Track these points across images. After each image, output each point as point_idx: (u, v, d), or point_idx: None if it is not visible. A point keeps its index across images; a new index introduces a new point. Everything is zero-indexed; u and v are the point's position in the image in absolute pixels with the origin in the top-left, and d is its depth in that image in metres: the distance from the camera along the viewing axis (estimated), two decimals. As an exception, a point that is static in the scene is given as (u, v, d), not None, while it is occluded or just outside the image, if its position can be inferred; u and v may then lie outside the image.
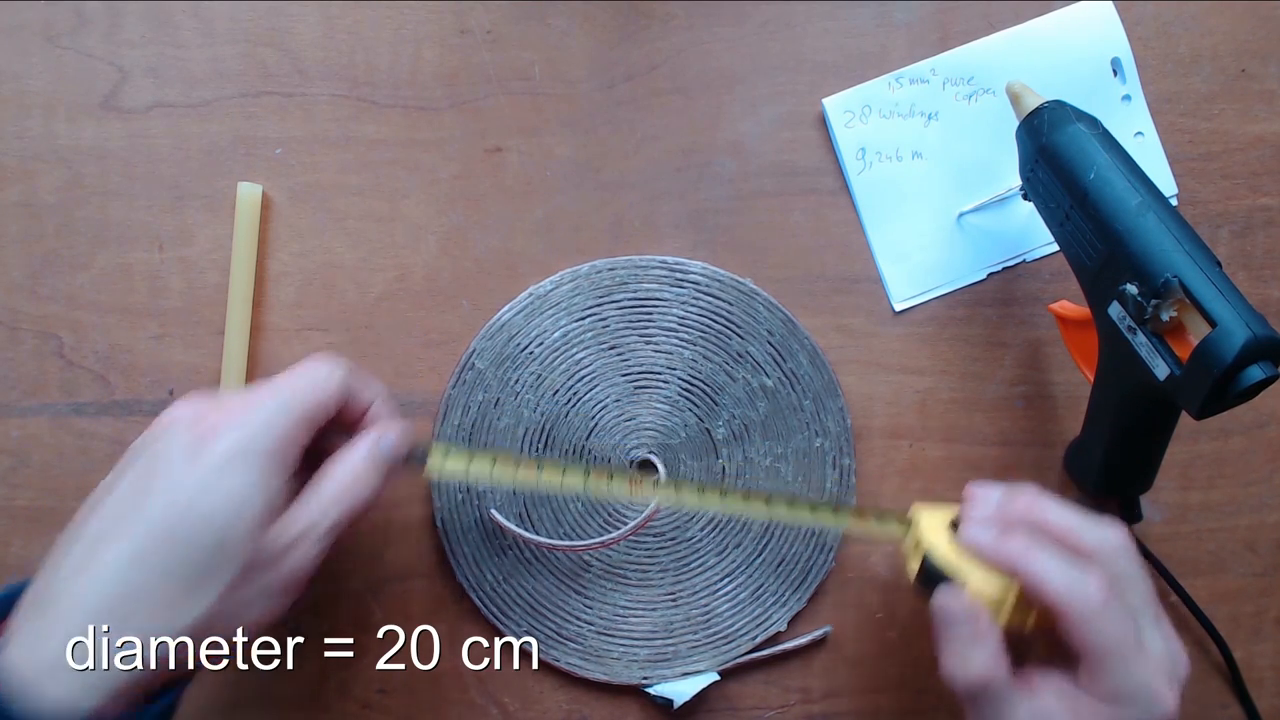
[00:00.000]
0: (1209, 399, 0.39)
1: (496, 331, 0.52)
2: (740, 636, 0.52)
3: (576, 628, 0.52)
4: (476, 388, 0.52)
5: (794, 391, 0.52)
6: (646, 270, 0.53)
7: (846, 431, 0.53)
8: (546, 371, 0.52)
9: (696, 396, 0.52)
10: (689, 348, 0.52)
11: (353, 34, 0.53)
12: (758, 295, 0.53)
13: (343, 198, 0.53)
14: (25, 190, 0.53)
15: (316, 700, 0.52)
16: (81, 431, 0.52)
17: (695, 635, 0.52)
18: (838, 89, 0.54)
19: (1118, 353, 0.43)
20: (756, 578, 0.52)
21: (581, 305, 0.52)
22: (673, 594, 0.52)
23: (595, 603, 0.52)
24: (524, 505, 0.52)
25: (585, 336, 0.52)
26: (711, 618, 0.52)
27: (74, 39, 0.53)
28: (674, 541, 0.52)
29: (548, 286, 0.53)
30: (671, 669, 0.52)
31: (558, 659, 0.52)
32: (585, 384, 0.52)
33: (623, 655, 0.52)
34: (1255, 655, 0.53)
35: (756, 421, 0.52)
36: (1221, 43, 0.54)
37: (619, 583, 0.52)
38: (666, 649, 0.52)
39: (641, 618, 0.52)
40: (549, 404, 0.52)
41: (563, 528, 0.52)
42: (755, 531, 0.52)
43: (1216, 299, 0.39)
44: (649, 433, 0.52)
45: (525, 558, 0.52)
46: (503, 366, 0.52)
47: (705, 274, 0.53)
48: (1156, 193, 0.42)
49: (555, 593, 0.52)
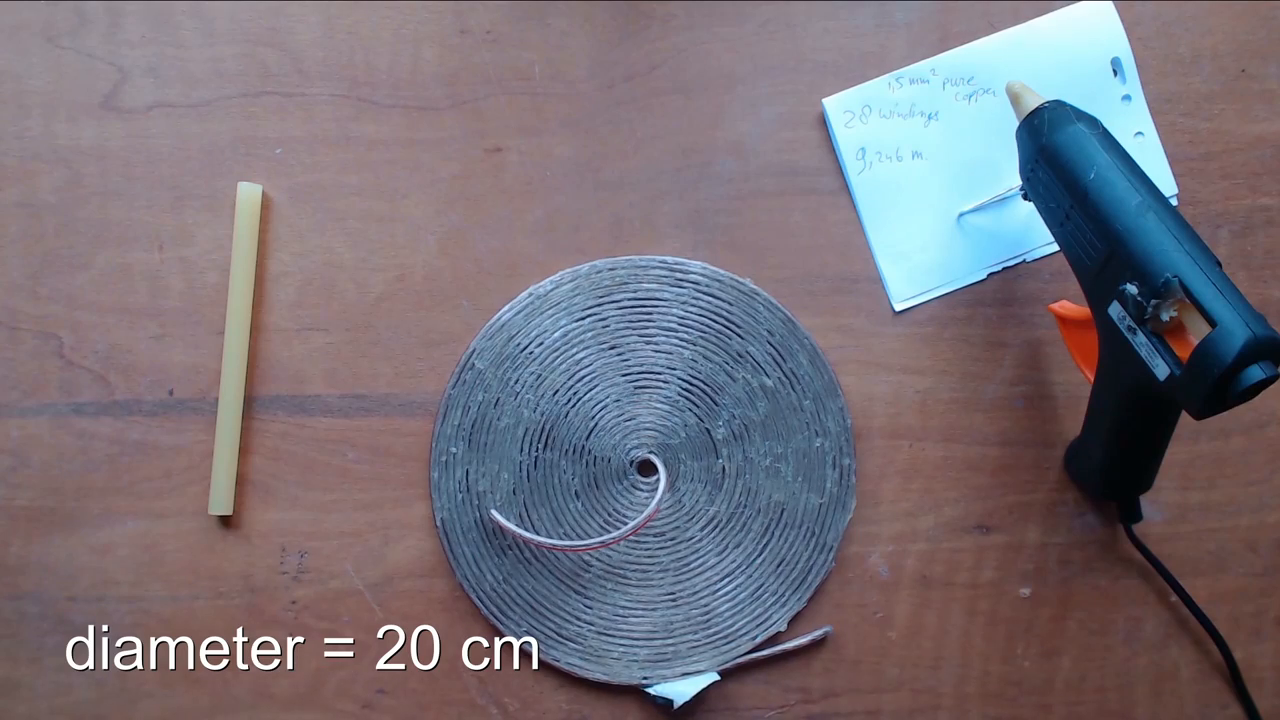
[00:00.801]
0: (1209, 399, 0.39)
1: (496, 331, 0.52)
2: (740, 636, 0.52)
3: (576, 628, 0.52)
4: (476, 388, 0.52)
5: (794, 391, 0.52)
6: (646, 270, 0.53)
7: (846, 431, 0.53)
8: (546, 371, 0.52)
9: (696, 396, 0.52)
10: (689, 348, 0.52)
11: (353, 34, 0.53)
12: (758, 295, 0.53)
13: (343, 198, 0.53)
14: (25, 190, 0.53)
15: (316, 700, 0.52)
16: (81, 431, 0.52)
17: (695, 635, 0.52)
18: (838, 89, 0.54)
19: (1118, 353, 0.43)
20: (756, 578, 0.52)
21: (581, 305, 0.52)
22: (673, 594, 0.52)
23: (595, 603, 0.52)
24: (524, 505, 0.52)
25: (585, 336, 0.52)
26: (711, 618, 0.52)
27: (74, 39, 0.53)
28: (674, 541, 0.52)
29: (548, 286, 0.53)
30: (671, 669, 0.52)
31: (558, 659, 0.52)
32: (585, 384, 0.52)
33: (623, 655, 0.52)
34: (1255, 655, 0.53)
35: (756, 421, 0.52)
36: (1221, 43, 0.54)
37: (619, 583, 0.52)
38: (666, 649, 0.52)
39: (641, 618, 0.52)
40: (549, 404, 0.52)
41: (563, 528, 0.52)
42: (755, 531, 0.52)
43: (1217, 299, 0.39)
44: (649, 433, 0.52)
45: (525, 558, 0.52)
46: (503, 366, 0.52)
47: (705, 274, 0.53)
48: (1157, 193, 0.42)
49: (555, 593, 0.52)
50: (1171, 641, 0.53)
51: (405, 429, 0.53)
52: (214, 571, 0.52)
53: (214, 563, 0.52)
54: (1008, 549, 0.53)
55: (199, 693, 0.52)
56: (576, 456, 0.52)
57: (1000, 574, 0.53)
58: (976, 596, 0.53)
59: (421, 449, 0.53)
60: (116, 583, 0.52)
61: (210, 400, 0.52)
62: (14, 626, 0.52)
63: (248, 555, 0.52)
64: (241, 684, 0.52)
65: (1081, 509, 0.53)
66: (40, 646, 0.52)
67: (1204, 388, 0.38)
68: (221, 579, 0.52)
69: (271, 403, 0.53)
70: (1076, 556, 0.53)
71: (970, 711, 0.53)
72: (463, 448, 0.52)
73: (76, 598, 0.52)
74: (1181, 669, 0.53)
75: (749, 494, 0.52)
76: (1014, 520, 0.53)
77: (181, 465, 0.52)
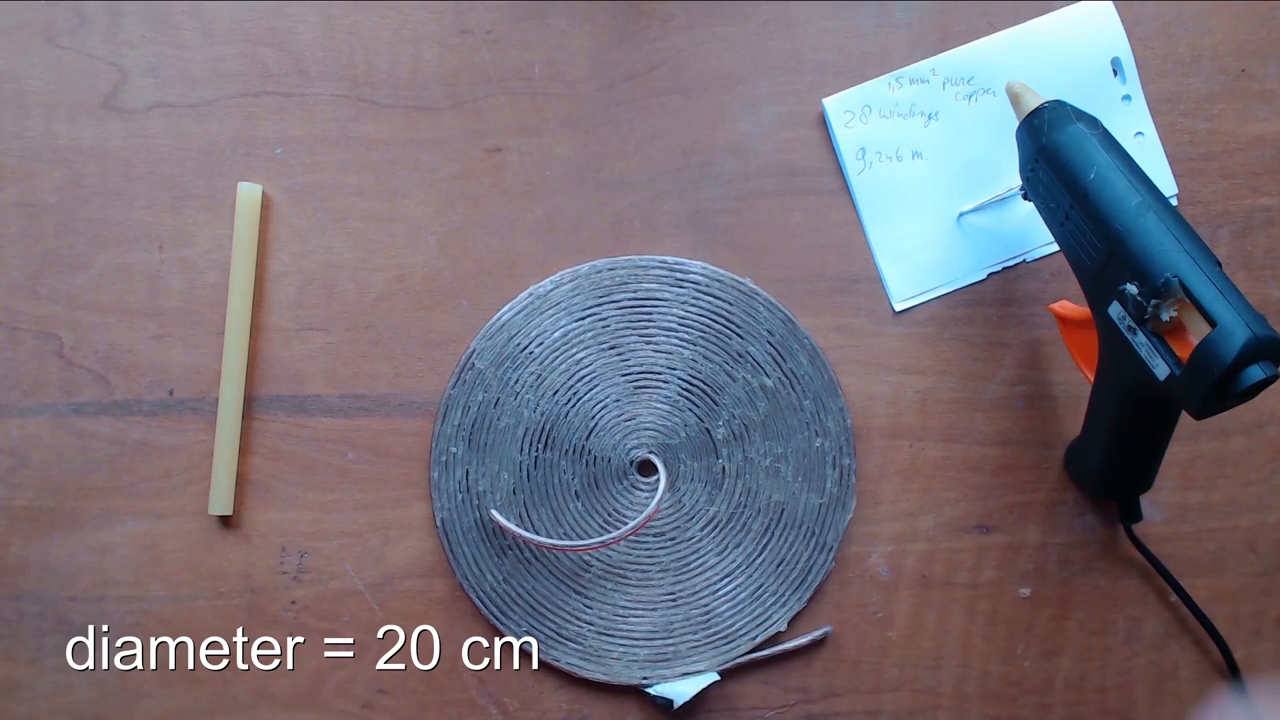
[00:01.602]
0: (1209, 399, 0.39)
1: (496, 331, 0.52)
2: (740, 636, 0.52)
3: (576, 628, 0.52)
4: (476, 387, 0.52)
5: (794, 391, 0.52)
6: (646, 270, 0.53)
7: (846, 431, 0.53)
8: (546, 371, 0.52)
9: (696, 396, 0.52)
10: (689, 348, 0.52)
11: (353, 34, 0.53)
12: (758, 295, 0.53)
13: (343, 198, 0.53)
14: (25, 190, 0.53)
15: (316, 700, 0.52)
16: (81, 431, 0.52)
17: (695, 635, 0.52)
18: (838, 89, 0.54)
19: (1118, 353, 0.43)
20: (756, 577, 0.52)
21: (582, 305, 0.52)
22: (673, 594, 0.52)
23: (595, 603, 0.52)
24: (524, 505, 0.52)
25: (585, 336, 0.52)
26: (711, 618, 0.52)
27: (74, 39, 0.53)
28: (674, 541, 0.52)
29: (548, 286, 0.53)
30: (671, 669, 0.52)
31: (558, 659, 0.52)
32: (585, 384, 0.52)
33: (623, 655, 0.52)
34: (1255, 655, 0.53)
35: (756, 421, 0.52)
36: (1221, 43, 0.54)
37: (619, 583, 0.52)
38: (666, 649, 0.52)
39: (641, 618, 0.52)
40: (549, 404, 0.52)
41: (562, 528, 0.52)
42: (755, 531, 0.52)
43: (1217, 299, 0.39)
44: (649, 433, 0.52)
45: (525, 558, 0.52)
46: (503, 366, 0.52)
47: (705, 274, 0.53)
48: (1157, 193, 0.42)
49: (555, 593, 0.52)
50: (1171, 641, 0.53)
51: (405, 429, 0.53)
52: (214, 571, 0.52)
53: (214, 563, 0.52)
54: (1008, 549, 0.53)
55: (199, 693, 0.52)
56: (576, 456, 0.52)
57: (1000, 574, 0.53)
58: (976, 596, 0.53)
59: (421, 449, 0.53)
60: (116, 583, 0.52)
61: (210, 400, 0.52)
62: (14, 626, 0.52)
63: (247, 555, 0.52)
64: (241, 684, 0.52)
65: (1081, 509, 0.53)
66: (40, 646, 0.52)
67: (1204, 387, 0.38)
68: (221, 579, 0.52)
69: (271, 403, 0.53)
70: (1076, 556, 0.53)
71: (970, 711, 0.53)
72: (463, 447, 0.52)
73: (76, 598, 0.52)
74: (1181, 669, 0.53)
75: (749, 494, 0.52)
76: (1014, 520, 0.53)
77: (181, 465, 0.52)
